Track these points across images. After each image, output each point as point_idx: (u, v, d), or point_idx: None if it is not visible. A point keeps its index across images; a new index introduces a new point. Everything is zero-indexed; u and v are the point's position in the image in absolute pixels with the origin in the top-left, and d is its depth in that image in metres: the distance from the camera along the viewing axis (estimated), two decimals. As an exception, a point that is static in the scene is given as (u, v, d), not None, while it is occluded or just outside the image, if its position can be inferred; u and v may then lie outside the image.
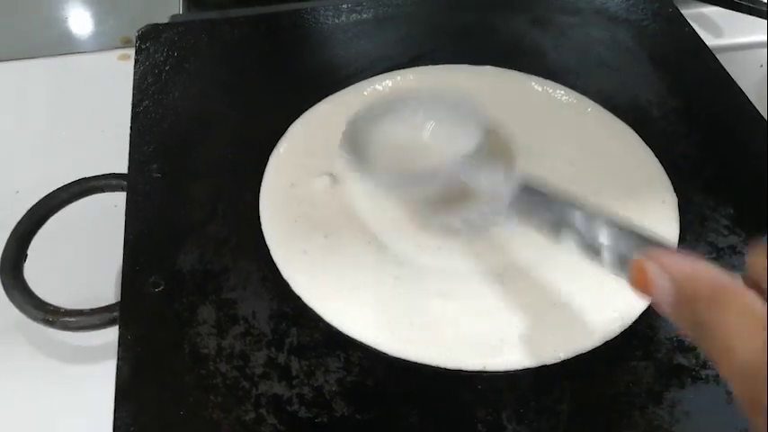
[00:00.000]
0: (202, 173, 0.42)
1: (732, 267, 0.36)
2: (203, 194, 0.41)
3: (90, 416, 0.36)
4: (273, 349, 0.34)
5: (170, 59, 0.48)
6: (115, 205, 0.42)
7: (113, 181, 0.43)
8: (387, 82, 0.46)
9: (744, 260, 0.37)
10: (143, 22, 0.51)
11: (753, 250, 0.22)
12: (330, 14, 0.52)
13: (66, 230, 0.43)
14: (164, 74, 0.47)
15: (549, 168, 0.42)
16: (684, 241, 0.38)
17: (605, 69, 0.49)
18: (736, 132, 0.45)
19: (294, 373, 0.33)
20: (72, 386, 0.39)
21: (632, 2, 0.53)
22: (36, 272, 0.39)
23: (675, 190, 0.41)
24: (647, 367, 0.34)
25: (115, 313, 0.36)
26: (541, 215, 0.30)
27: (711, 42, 0.52)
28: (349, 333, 0.34)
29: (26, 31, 0.65)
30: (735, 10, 0.59)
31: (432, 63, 0.48)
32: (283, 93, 0.47)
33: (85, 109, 0.55)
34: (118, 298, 0.36)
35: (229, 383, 0.33)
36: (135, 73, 0.47)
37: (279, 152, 0.43)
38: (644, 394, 0.33)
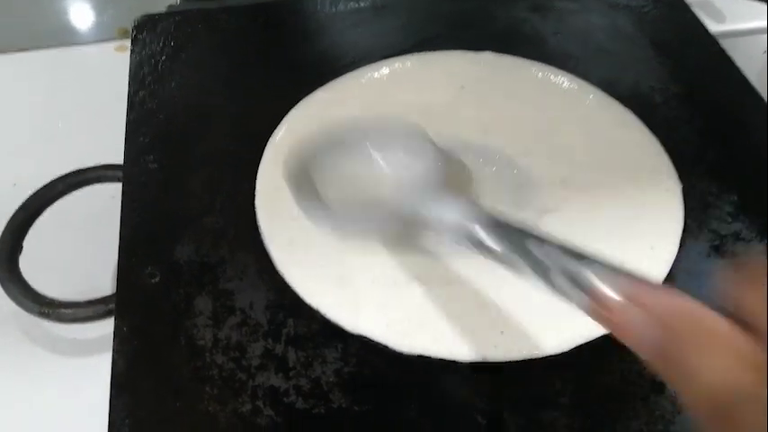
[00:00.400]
0: (199, 164, 0.41)
1: (735, 255, 0.37)
2: (200, 185, 0.40)
3: (86, 408, 0.36)
4: (270, 340, 0.33)
5: (166, 50, 0.48)
6: (112, 196, 0.42)
7: (109, 172, 0.43)
8: (384, 69, 0.46)
9: (748, 247, 0.37)
10: (140, 13, 0.50)
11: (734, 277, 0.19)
12: (328, 3, 0.52)
13: (62, 222, 0.43)
14: (160, 64, 0.47)
15: (554, 155, 0.41)
16: (687, 228, 0.38)
17: (606, 56, 0.48)
18: (738, 118, 0.45)
19: (291, 365, 0.33)
20: (68, 378, 0.39)
21: (633, -13, 0.53)
22: (32, 264, 0.39)
23: (678, 177, 0.40)
24: (649, 356, 0.33)
25: (111, 305, 0.36)
26: (494, 243, 0.29)
27: (714, 28, 0.51)
28: (345, 326, 0.34)
29: (23, 23, 0.64)
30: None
31: (431, 51, 0.47)
32: (281, 83, 0.46)
33: (82, 100, 0.54)
34: (114, 290, 0.36)
35: (226, 375, 0.32)
36: (131, 63, 0.47)
37: (275, 141, 0.42)
38: (645, 384, 0.32)
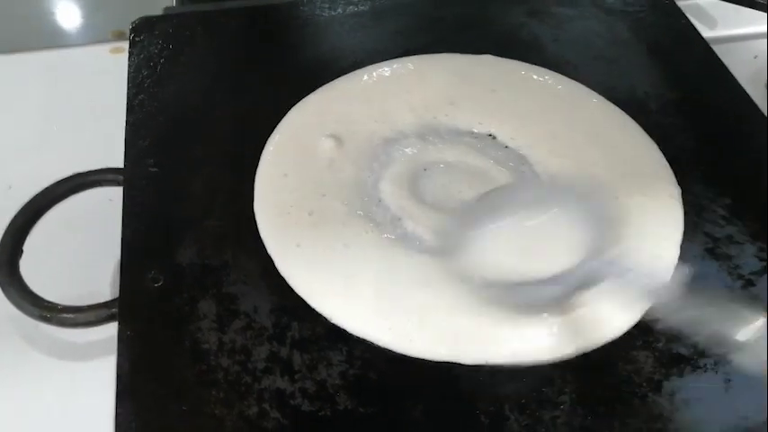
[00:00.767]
0: (199, 166, 0.42)
1: (729, 258, 0.38)
2: (201, 188, 0.40)
3: (87, 412, 0.36)
4: (275, 343, 0.34)
5: (165, 52, 0.48)
6: (111, 200, 0.42)
7: (109, 175, 0.43)
8: (382, 71, 0.46)
9: (741, 250, 0.38)
10: (135, 15, 0.50)
11: None
12: (326, 6, 0.52)
13: (62, 226, 0.43)
14: (158, 67, 0.47)
15: (556, 157, 0.42)
16: (683, 232, 0.39)
17: (602, 61, 0.49)
18: (732, 123, 0.45)
19: (297, 368, 0.33)
20: (68, 382, 0.39)
21: (629, -6, 0.54)
22: (32, 268, 0.39)
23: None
24: (648, 357, 0.34)
25: (113, 309, 0.36)
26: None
27: (707, 34, 0.52)
28: (348, 329, 0.34)
29: (18, 25, 0.64)
30: (734, 3, 0.59)
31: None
32: (280, 85, 0.46)
33: (78, 103, 0.54)
34: (114, 294, 0.36)
35: (231, 378, 0.32)
36: (129, 66, 0.47)
37: (272, 143, 0.42)
38: (644, 383, 0.33)
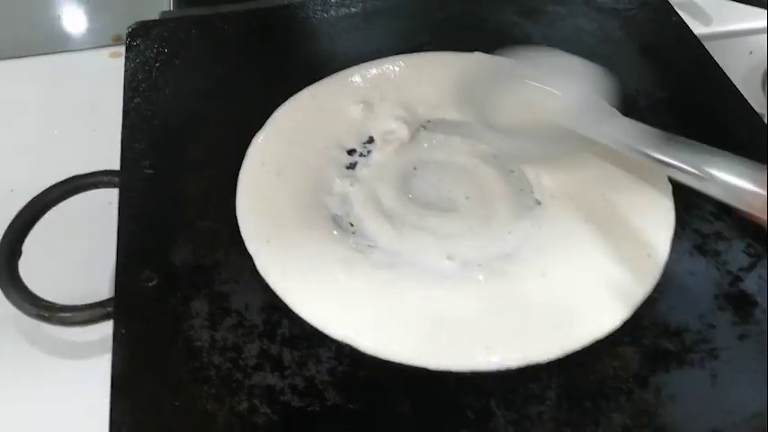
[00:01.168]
0: (194, 168, 0.42)
1: (717, 254, 0.38)
2: (195, 190, 0.41)
3: (85, 409, 0.36)
4: (266, 340, 0.34)
5: (161, 56, 0.49)
6: (109, 202, 0.42)
7: (106, 178, 0.43)
8: (372, 68, 0.46)
9: (729, 246, 0.38)
10: (133, 19, 0.51)
11: None
12: (319, 9, 0.52)
13: (59, 227, 0.43)
14: (154, 70, 0.48)
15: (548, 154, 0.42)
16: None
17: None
18: (723, 121, 0.45)
19: (286, 364, 0.33)
20: (66, 380, 0.40)
21: (620, -9, 0.54)
22: (31, 268, 0.40)
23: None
24: (634, 352, 0.34)
25: (109, 308, 0.37)
26: (671, 159, 0.35)
27: (700, 30, 0.52)
28: (327, 332, 0.34)
29: (17, 31, 0.65)
30: (733, -1, 0.59)
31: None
32: (275, 88, 0.47)
33: (78, 107, 0.55)
34: (111, 293, 0.37)
35: (223, 375, 0.33)
36: (126, 70, 0.48)
37: (257, 142, 0.43)
38: (630, 379, 0.33)
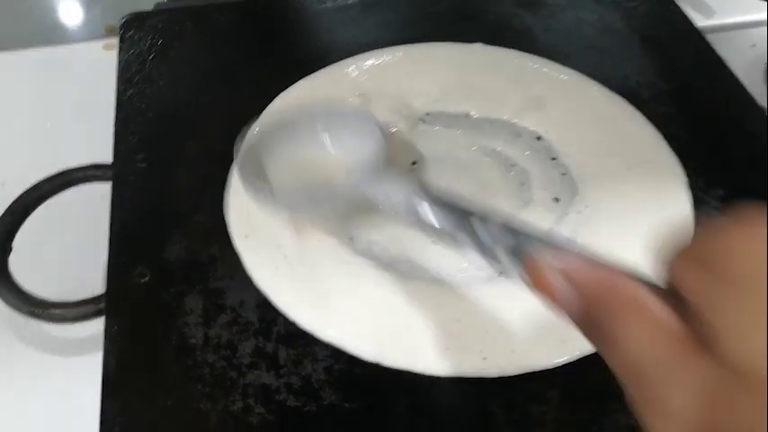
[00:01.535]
0: (188, 162, 0.41)
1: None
2: (189, 184, 0.40)
3: (77, 407, 0.36)
4: (261, 338, 0.34)
5: (154, 48, 0.48)
6: (101, 196, 0.42)
7: (98, 171, 0.43)
8: (371, 59, 0.46)
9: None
10: (127, 11, 0.50)
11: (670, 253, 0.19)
12: (315, 0, 0.52)
13: (51, 222, 0.43)
14: (148, 62, 0.47)
15: (562, 146, 0.41)
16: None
17: (595, 51, 0.48)
18: (726, 113, 0.45)
19: (282, 363, 0.33)
20: (58, 377, 0.39)
21: (621, -17, 0.53)
22: (22, 264, 0.39)
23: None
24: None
25: (101, 305, 0.36)
26: (439, 220, 0.29)
27: (702, 23, 0.51)
28: (319, 337, 0.33)
29: (10, 22, 0.64)
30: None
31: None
32: (270, 80, 0.46)
33: (70, 100, 0.54)
34: (104, 289, 0.36)
35: (217, 373, 0.32)
36: (119, 62, 0.47)
37: (249, 136, 0.41)
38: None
